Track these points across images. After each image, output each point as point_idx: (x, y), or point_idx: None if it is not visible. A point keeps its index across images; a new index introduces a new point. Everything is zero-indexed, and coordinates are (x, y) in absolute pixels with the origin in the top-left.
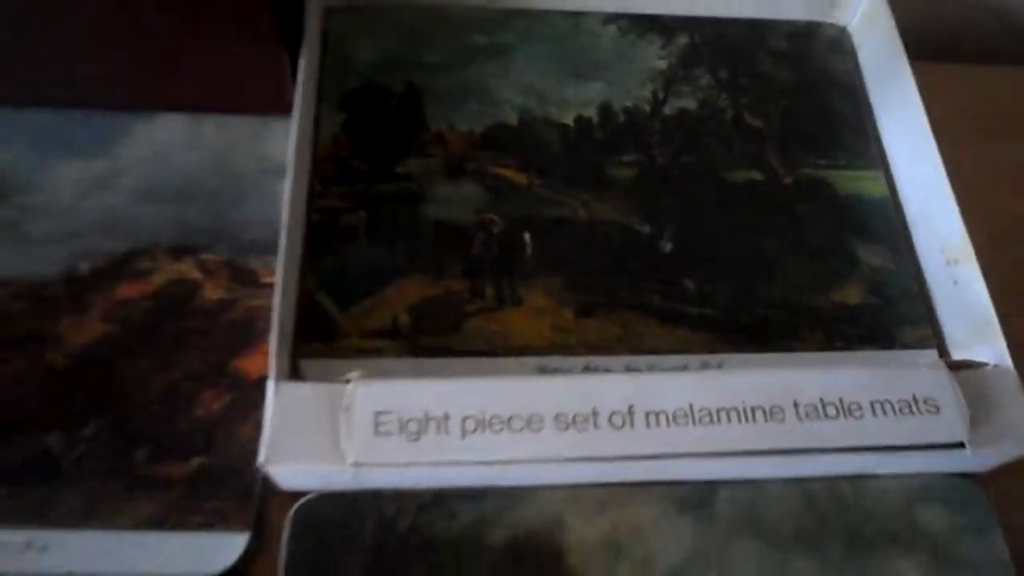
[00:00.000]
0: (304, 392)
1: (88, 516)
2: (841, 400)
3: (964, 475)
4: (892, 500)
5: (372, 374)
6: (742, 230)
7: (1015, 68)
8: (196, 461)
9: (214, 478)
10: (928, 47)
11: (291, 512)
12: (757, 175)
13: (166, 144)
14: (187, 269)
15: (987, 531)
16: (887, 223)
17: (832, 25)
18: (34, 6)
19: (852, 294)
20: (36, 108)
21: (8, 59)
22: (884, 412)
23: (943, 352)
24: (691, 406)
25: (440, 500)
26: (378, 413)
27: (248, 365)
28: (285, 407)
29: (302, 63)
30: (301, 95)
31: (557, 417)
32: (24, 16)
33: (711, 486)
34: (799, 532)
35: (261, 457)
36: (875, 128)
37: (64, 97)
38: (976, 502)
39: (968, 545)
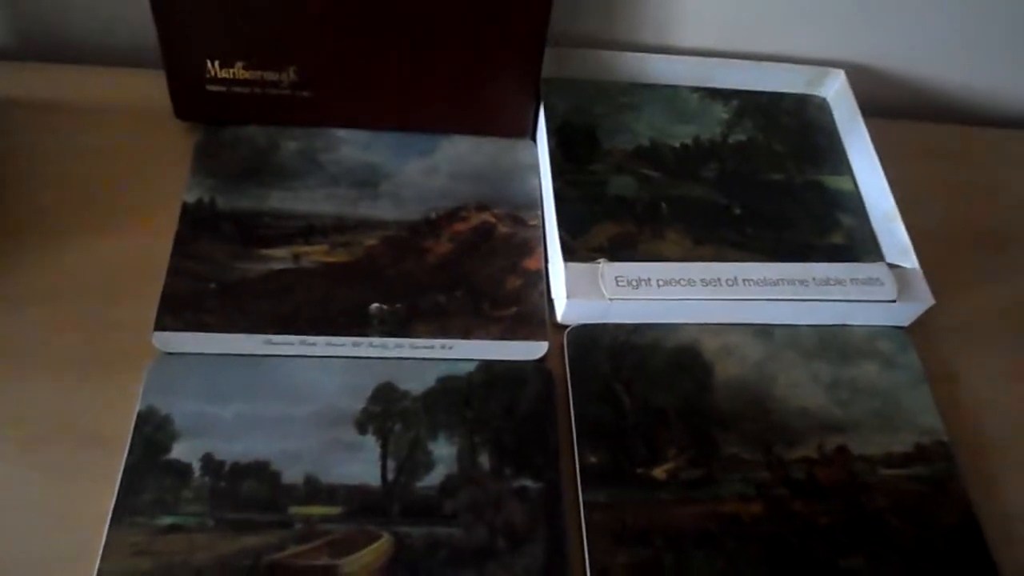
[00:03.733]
0: (579, 267)
1: (467, 334)
2: (836, 278)
3: (898, 328)
4: (861, 337)
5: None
6: (776, 204)
7: (914, 122)
8: (513, 309)
9: (524, 317)
10: (872, 108)
11: (566, 333)
12: (780, 176)
13: (462, 152)
14: (487, 217)
15: (908, 351)
16: (854, 204)
17: (818, 96)
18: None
19: (837, 238)
20: (385, 131)
21: (368, 103)
22: (856, 283)
23: None
24: (765, 277)
25: (638, 328)
26: (616, 276)
27: (528, 264)
28: (572, 273)
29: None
30: (542, 129)
31: (702, 280)
32: (375, 77)
33: (770, 328)
34: (814, 349)
35: (564, 294)
36: (845, 153)
37: (398, 124)
38: (904, 339)
39: (901, 357)
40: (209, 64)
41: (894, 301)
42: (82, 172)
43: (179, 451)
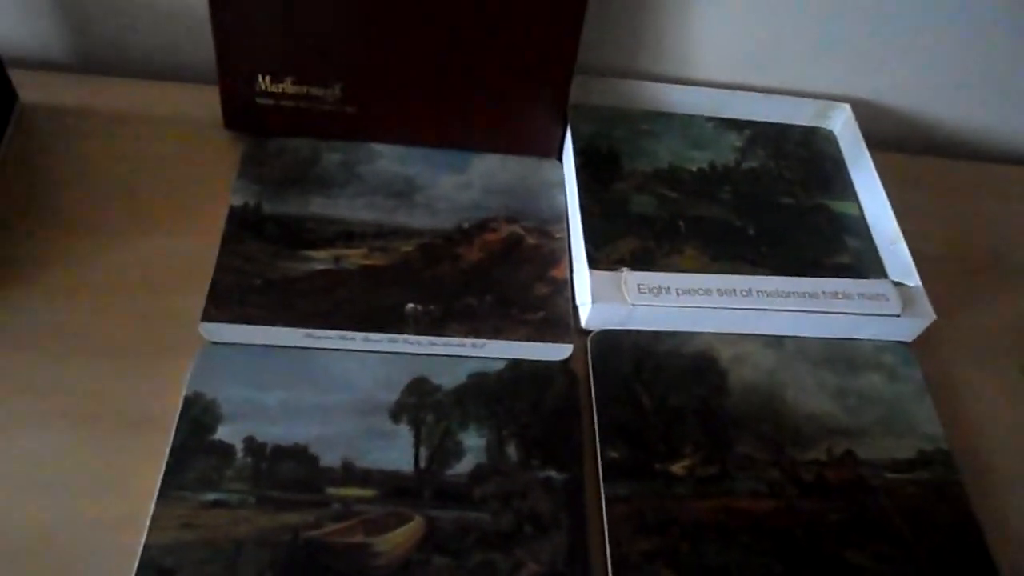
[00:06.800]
0: (604, 274)
1: (497, 335)
2: (844, 292)
3: (902, 343)
4: (868, 350)
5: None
6: (786, 225)
7: (913, 156)
8: (540, 313)
9: (550, 322)
10: (875, 142)
11: (589, 338)
12: (790, 200)
13: (492, 169)
14: (516, 229)
15: (912, 364)
16: (860, 227)
17: (826, 129)
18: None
19: (844, 258)
20: (422, 147)
21: (408, 121)
22: (863, 297)
23: None
24: (777, 289)
25: (657, 335)
26: (638, 284)
27: (555, 273)
28: (596, 280)
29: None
30: (568, 150)
31: (719, 290)
32: (413, 99)
33: (780, 339)
34: (823, 360)
35: (589, 299)
36: (851, 180)
37: (433, 141)
38: (908, 353)
39: (904, 370)
40: (260, 78)
41: (899, 315)
42: (135, 177)
43: (223, 433)
